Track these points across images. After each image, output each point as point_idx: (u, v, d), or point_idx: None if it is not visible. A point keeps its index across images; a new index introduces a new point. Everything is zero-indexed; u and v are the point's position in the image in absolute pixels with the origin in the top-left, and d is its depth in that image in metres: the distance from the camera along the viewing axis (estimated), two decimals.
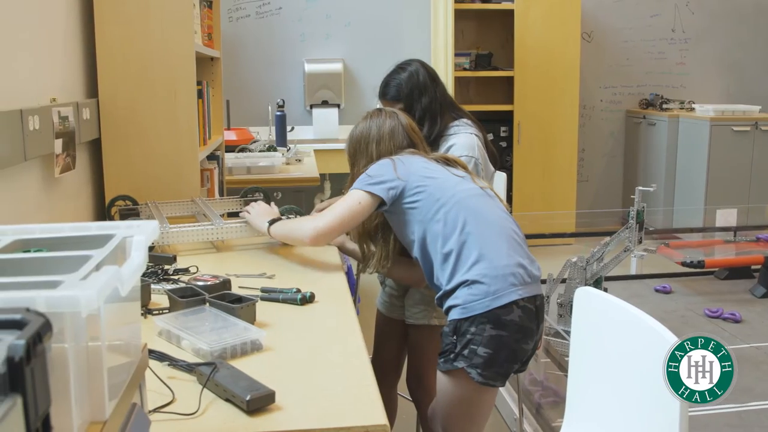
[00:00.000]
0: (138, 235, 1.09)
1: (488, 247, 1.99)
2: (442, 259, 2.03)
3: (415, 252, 2.12)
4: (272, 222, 2.34)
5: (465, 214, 2.02)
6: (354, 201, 2.12)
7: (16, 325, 0.70)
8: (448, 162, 2.23)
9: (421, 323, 2.51)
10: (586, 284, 3.63)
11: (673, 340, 1.51)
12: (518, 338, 1.97)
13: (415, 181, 2.09)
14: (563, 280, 3.77)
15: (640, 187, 3.97)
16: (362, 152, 2.28)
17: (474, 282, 1.96)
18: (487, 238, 2.00)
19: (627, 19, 6.89)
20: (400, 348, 2.70)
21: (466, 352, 1.96)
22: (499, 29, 6.50)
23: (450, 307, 2.01)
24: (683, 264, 4.82)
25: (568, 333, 3.36)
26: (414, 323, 2.53)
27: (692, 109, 6.65)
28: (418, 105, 2.57)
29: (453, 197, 2.05)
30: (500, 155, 6.28)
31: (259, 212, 2.45)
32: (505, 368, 1.99)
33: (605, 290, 2.11)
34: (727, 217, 5.57)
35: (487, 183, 2.39)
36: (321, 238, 2.16)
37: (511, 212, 5.43)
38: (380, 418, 1.31)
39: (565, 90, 6.20)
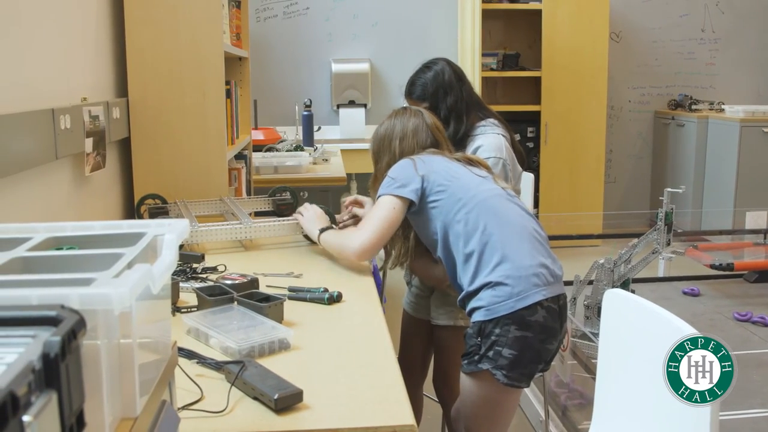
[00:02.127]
0: (169, 234, 1.10)
1: (511, 247, 1.98)
2: (464, 259, 2.03)
3: (439, 251, 2.12)
4: (323, 230, 2.36)
5: (486, 214, 2.01)
6: (388, 208, 2.11)
7: (51, 321, 0.71)
8: (471, 162, 2.22)
9: (447, 324, 2.51)
10: (613, 286, 3.60)
11: None
12: (543, 338, 1.97)
13: (436, 180, 2.09)
14: (590, 282, 3.75)
15: (669, 189, 3.94)
16: (385, 149, 2.29)
17: (498, 284, 1.95)
18: (509, 238, 1.99)
19: (656, 18, 6.83)
20: (426, 348, 2.70)
21: (491, 353, 1.96)
22: (526, 29, 6.47)
23: (473, 309, 2.01)
24: (712, 266, 4.76)
25: (594, 335, 3.34)
26: (440, 324, 2.53)
27: (722, 110, 6.58)
28: (443, 104, 2.57)
29: (474, 197, 2.04)
30: (527, 156, 6.25)
31: (312, 217, 2.46)
32: (530, 369, 1.99)
33: (633, 292, 2.09)
34: (756, 219, 5.50)
35: (514, 183, 2.38)
36: (366, 254, 2.16)
37: (537, 213, 5.35)
38: (408, 418, 1.32)
39: (592, 90, 6.16)
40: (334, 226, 2.41)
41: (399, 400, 1.39)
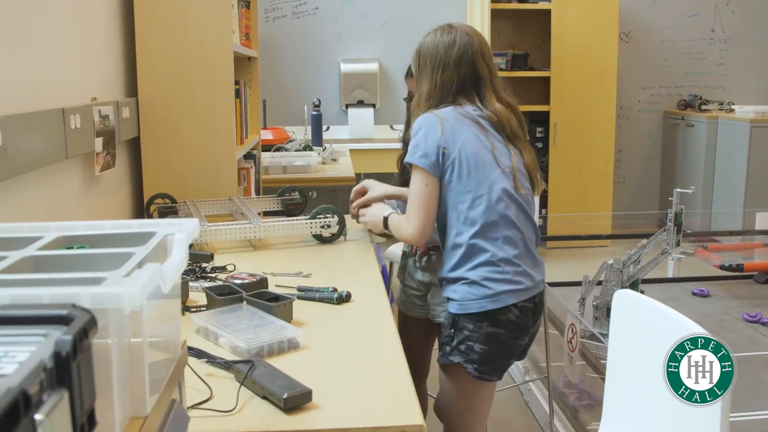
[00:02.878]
0: (179, 233, 1.10)
1: (497, 253, 2.00)
2: (451, 246, 2.05)
3: (438, 220, 2.13)
4: (386, 218, 2.29)
5: (487, 215, 2.01)
6: (421, 185, 2.06)
7: (62, 320, 0.71)
8: (502, 128, 2.15)
9: None
10: (622, 287, 3.59)
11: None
12: (515, 335, 2.02)
13: (456, 161, 2.04)
14: (599, 283, 3.74)
15: (679, 189, 3.93)
16: (427, 75, 2.19)
17: (474, 282, 1.99)
18: (499, 243, 2.00)
19: (665, 18, 6.81)
20: (424, 345, 2.69)
21: (462, 347, 2.00)
22: (535, 29, 6.46)
23: (449, 298, 2.06)
24: (721, 267, 4.74)
25: (603, 335, 3.33)
26: (441, 321, 2.53)
27: (732, 111, 6.55)
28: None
29: (482, 196, 2.02)
30: (536, 156, 6.24)
31: (375, 212, 2.39)
32: (501, 364, 2.05)
33: (642, 293, 2.09)
34: (767, 220, 5.47)
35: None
36: (423, 238, 2.09)
37: (546, 213, 5.32)
38: (417, 418, 1.32)
39: (602, 90, 6.15)
40: (397, 210, 2.36)
41: (408, 399, 1.39)
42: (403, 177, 2.74)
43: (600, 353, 3.31)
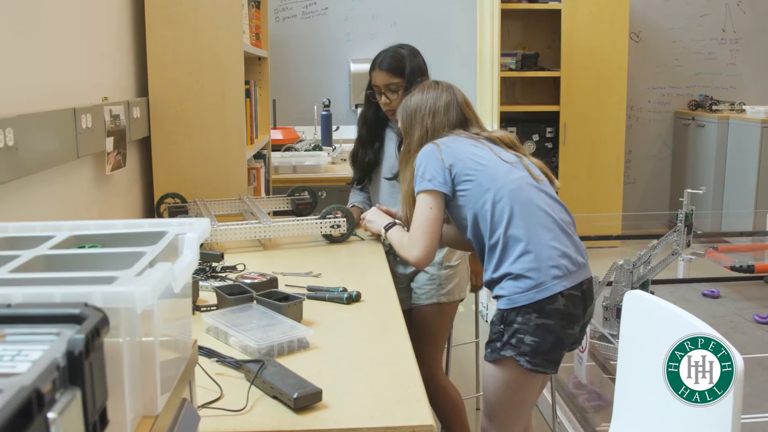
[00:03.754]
0: (190, 233, 1.10)
1: (533, 239, 2.01)
2: (489, 248, 2.07)
3: (468, 234, 2.15)
4: (387, 228, 2.38)
5: (512, 205, 2.03)
6: (426, 210, 2.12)
7: (74, 319, 0.72)
8: (499, 141, 2.21)
9: (429, 303, 2.54)
10: (632, 288, 3.58)
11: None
12: (563, 325, 2.02)
13: (463, 170, 2.09)
14: (609, 283, 3.73)
15: (689, 190, 3.91)
16: (417, 123, 2.28)
17: (519, 275, 2.00)
18: (532, 230, 2.02)
19: (676, 18, 6.79)
20: (410, 334, 2.70)
21: (513, 341, 2.01)
22: (545, 29, 6.45)
23: (497, 296, 2.07)
24: (732, 268, 4.72)
25: (613, 336, 3.32)
26: (421, 304, 2.55)
27: (743, 111, 6.52)
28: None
29: (501, 188, 2.05)
30: (546, 156, 6.24)
31: (374, 217, 2.50)
32: (554, 355, 2.04)
33: (652, 294, 2.08)
34: None
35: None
36: (426, 261, 2.16)
37: None
38: (426, 418, 1.32)
39: (612, 91, 6.13)
40: (396, 221, 2.41)
41: (418, 400, 1.39)
42: (359, 174, 2.81)
43: (610, 354, 3.31)
